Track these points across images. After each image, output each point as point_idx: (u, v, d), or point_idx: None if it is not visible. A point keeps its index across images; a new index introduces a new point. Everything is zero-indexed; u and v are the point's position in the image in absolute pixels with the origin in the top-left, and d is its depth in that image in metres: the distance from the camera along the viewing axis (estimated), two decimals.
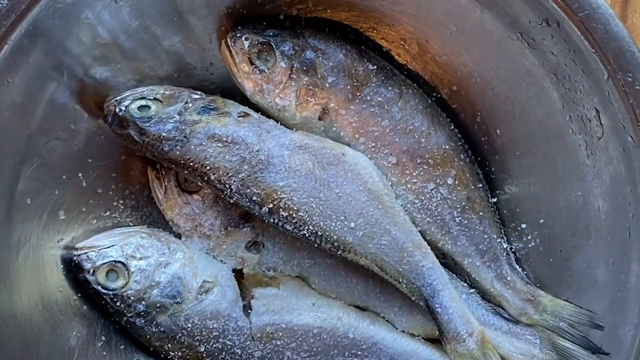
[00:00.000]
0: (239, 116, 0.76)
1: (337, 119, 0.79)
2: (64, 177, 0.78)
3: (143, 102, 0.76)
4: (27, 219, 0.75)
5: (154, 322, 0.77)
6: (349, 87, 0.79)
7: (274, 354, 0.78)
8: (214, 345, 0.78)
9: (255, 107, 0.79)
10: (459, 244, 0.81)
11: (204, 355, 0.78)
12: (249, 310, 0.79)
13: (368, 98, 0.79)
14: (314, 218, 0.74)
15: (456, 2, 0.73)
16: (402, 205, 0.79)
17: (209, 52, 0.80)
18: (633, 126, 0.68)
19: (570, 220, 0.78)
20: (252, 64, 0.77)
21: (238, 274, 0.81)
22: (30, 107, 0.72)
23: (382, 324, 0.81)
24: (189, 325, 0.77)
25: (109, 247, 0.77)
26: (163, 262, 0.77)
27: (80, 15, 0.70)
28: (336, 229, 0.75)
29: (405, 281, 0.77)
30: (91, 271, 0.76)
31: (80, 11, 0.70)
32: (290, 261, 0.81)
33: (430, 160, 0.80)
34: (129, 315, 0.77)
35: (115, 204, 0.83)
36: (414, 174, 0.80)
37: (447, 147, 0.81)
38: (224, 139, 0.75)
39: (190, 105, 0.76)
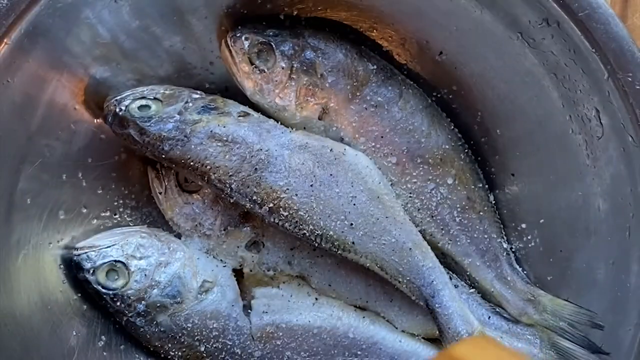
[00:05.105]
0: (239, 116, 0.77)
1: (337, 118, 0.79)
2: (64, 177, 0.78)
3: (143, 102, 0.76)
4: (27, 219, 0.75)
5: (154, 322, 0.77)
6: (348, 87, 0.79)
7: (274, 354, 0.78)
8: (214, 345, 0.78)
9: (256, 107, 0.79)
10: (459, 243, 0.81)
11: (204, 354, 0.78)
12: (249, 310, 0.79)
13: (368, 98, 0.79)
14: (314, 217, 0.74)
15: (456, 2, 0.73)
16: (402, 205, 0.79)
17: (209, 52, 0.80)
18: (633, 126, 0.68)
19: (570, 220, 0.78)
20: (252, 63, 0.77)
21: (238, 274, 0.81)
22: (30, 107, 0.72)
23: (382, 323, 0.81)
24: (189, 325, 0.77)
25: (109, 246, 0.77)
26: (163, 261, 0.77)
27: (80, 15, 0.70)
28: (336, 228, 0.75)
29: (405, 281, 0.76)
30: (91, 271, 0.76)
31: (81, 11, 0.70)
32: (290, 261, 0.81)
33: (430, 160, 0.80)
34: (129, 315, 0.77)
35: (115, 204, 0.83)
36: (414, 173, 0.80)
37: (447, 147, 0.81)
38: (224, 139, 0.75)
39: (190, 104, 0.76)
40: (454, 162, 0.81)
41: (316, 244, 0.76)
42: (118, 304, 0.76)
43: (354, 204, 0.75)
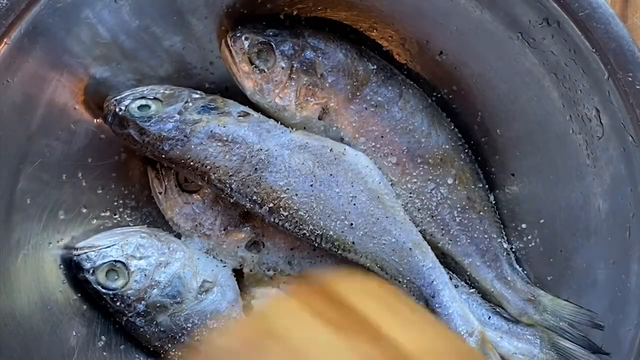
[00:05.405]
0: (239, 116, 0.77)
1: (337, 118, 0.79)
2: (64, 177, 0.78)
3: (143, 102, 0.76)
4: (26, 219, 0.74)
5: (154, 322, 0.77)
6: (349, 86, 0.79)
7: None
8: None
9: (256, 107, 0.79)
10: (459, 243, 0.81)
11: None
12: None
13: (368, 98, 0.79)
14: (314, 217, 0.75)
15: (456, 2, 0.73)
16: (402, 205, 0.79)
17: (209, 52, 0.80)
18: (633, 126, 0.68)
19: (571, 220, 0.78)
20: (252, 63, 0.77)
21: (238, 274, 0.81)
22: (30, 107, 0.72)
23: None
24: (189, 325, 0.77)
25: (109, 246, 0.77)
26: (163, 261, 0.77)
27: (80, 15, 0.70)
28: (336, 228, 0.75)
29: (405, 281, 0.76)
30: (91, 271, 0.76)
31: (81, 10, 0.70)
32: (290, 261, 0.81)
33: (430, 160, 0.80)
34: (129, 315, 0.77)
35: (115, 204, 0.83)
36: (414, 173, 0.80)
37: (447, 146, 0.81)
38: (224, 139, 0.75)
39: (190, 104, 0.76)
40: (454, 162, 0.81)
41: (316, 244, 0.76)
42: (118, 304, 0.76)
43: (354, 204, 0.75)
